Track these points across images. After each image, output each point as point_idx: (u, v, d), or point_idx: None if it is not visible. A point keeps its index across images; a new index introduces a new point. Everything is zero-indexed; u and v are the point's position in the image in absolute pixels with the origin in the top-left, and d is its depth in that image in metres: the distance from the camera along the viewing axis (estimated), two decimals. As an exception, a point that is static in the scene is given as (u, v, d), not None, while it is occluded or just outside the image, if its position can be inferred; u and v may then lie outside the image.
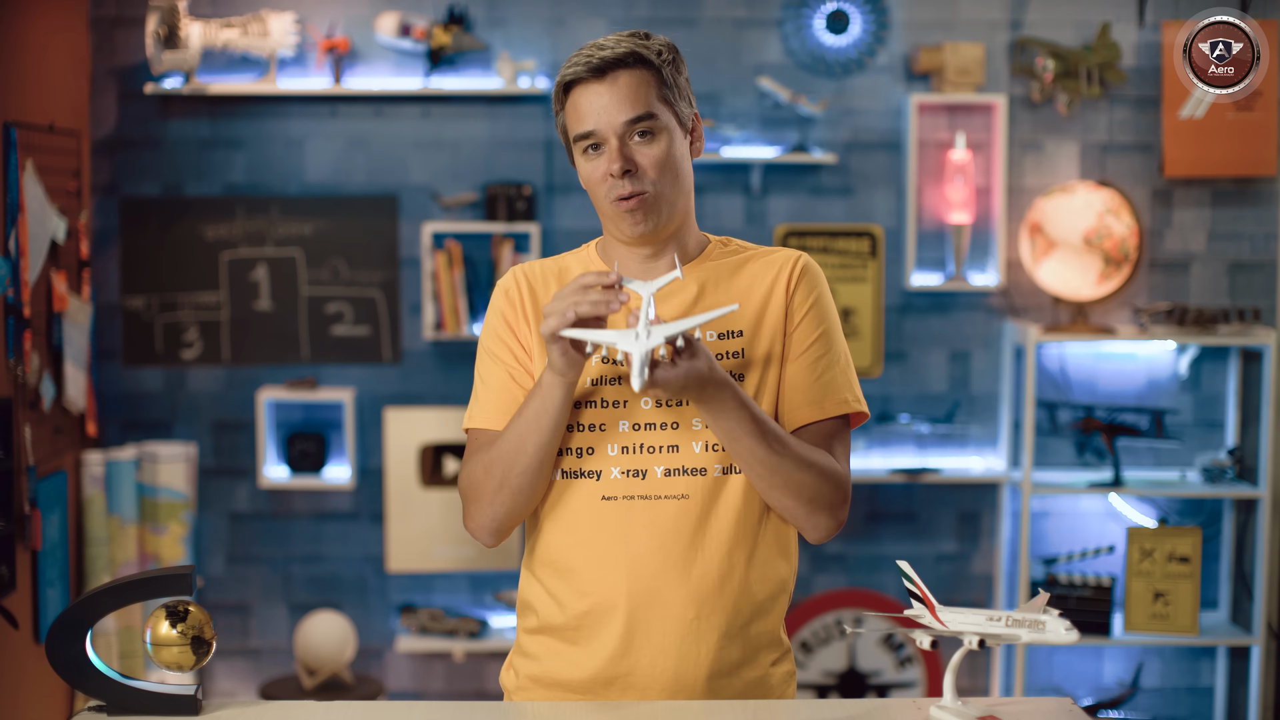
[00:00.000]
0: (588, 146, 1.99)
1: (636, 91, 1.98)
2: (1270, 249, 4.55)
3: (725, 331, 2.03)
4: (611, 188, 1.99)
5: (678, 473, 1.98)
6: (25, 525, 3.74)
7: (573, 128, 2.00)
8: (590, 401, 2.00)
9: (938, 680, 4.54)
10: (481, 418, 2.05)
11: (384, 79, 4.46)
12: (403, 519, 4.44)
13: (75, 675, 1.94)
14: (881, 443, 4.56)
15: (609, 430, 1.99)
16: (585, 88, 1.98)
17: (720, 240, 2.12)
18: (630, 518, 1.98)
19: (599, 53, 1.98)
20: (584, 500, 2.00)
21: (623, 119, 1.97)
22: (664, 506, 1.98)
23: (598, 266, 2.10)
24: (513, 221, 4.42)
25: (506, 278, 2.11)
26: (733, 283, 2.06)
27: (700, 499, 1.98)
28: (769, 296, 2.04)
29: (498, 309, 2.09)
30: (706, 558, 1.98)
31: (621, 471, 1.98)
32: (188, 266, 4.50)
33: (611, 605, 1.98)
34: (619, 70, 1.98)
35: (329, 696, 4.21)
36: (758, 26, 4.49)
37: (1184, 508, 4.55)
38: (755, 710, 1.96)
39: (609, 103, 1.97)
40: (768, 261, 2.08)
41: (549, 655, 2.06)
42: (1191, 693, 4.61)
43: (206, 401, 4.53)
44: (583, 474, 2.00)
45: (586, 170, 2.01)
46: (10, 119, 3.75)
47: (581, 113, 1.99)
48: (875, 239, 4.52)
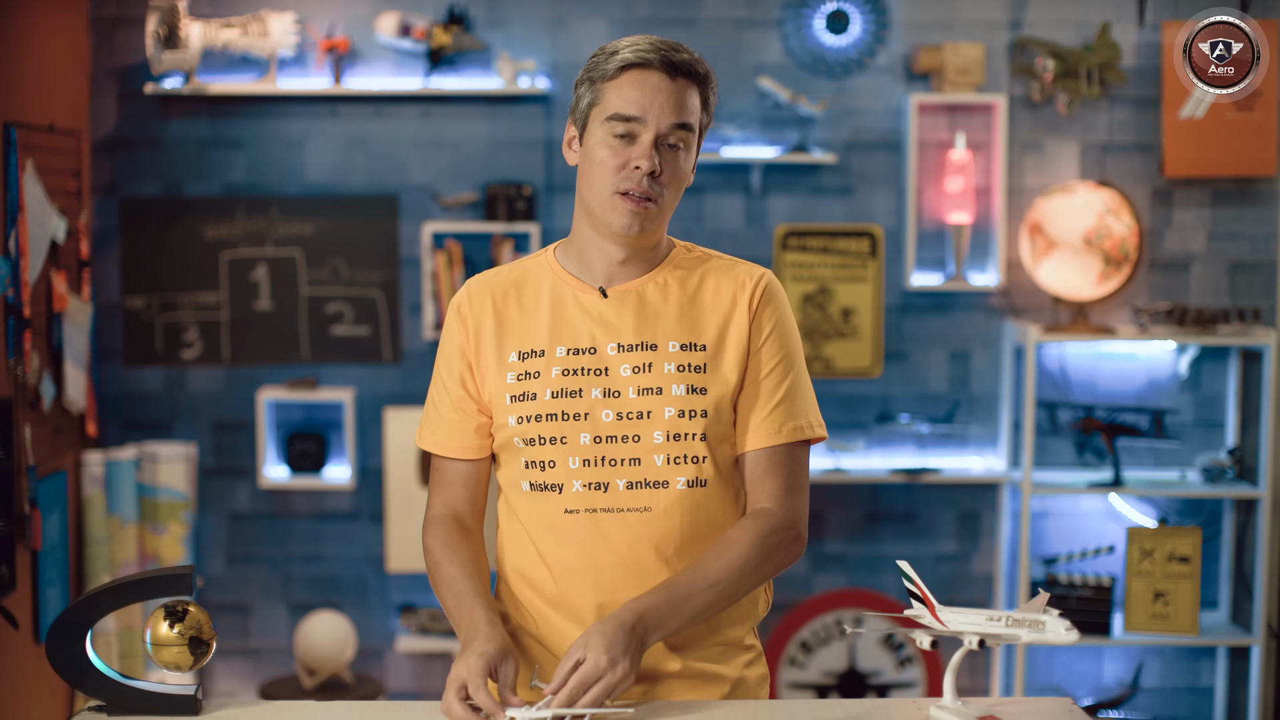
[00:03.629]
0: (622, 132, 1.97)
1: (690, 102, 2.00)
2: (1270, 249, 4.55)
3: (688, 343, 2.01)
4: (625, 179, 1.97)
5: (640, 485, 1.98)
6: (25, 525, 3.74)
7: (614, 106, 1.97)
8: (550, 415, 2.00)
9: (938, 680, 4.54)
10: (432, 443, 2.11)
11: (384, 79, 4.46)
12: (403, 519, 4.44)
13: (75, 675, 1.94)
14: (881, 443, 4.56)
15: (570, 443, 1.99)
16: (648, 74, 1.97)
17: (684, 246, 2.12)
18: (594, 531, 1.98)
19: (674, 53, 1.99)
20: (547, 514, 2.01)
21: (671, 120, 1.98)
22: (627, 519, 1.98)
23: (552, 274, 2.08)
24: (513, 221, 4.42)
25: (460, 294, 2.10)
26: (697, 291, 2.05)
27: (662, 512, 1.98)
28: (732, 310, 2.04)
29: (450, 331, 2.09)
30: (672, 570, 1.99)
31: (584, 484, 1.98)
32: (188, 266, 4.50)
33: (579, 619, 2.00)
34: (687, 77, 2.00)
35: (329, 696, 4.21)
36: (758, 26, 4.49)
37: (1184, 508, 4.55)
38: (755, 710, 1.96)
39: (667, 100, 1.97)
40: (731, 275, 2.07)
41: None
42: (1191, 693, 4.61)
43: (206, 401, 4.53)
44: (546, 487, 2.00)
45: (603, 153, 1.98)
46: (10, 119, 3.75)
47: (634, 97, 1.97)
48: (875, 239, 4.52)
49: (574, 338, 2.02)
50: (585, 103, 2.02)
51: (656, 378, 1.99)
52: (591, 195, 2.01)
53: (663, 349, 2.01)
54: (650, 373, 1.99)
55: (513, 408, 2.02)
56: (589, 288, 2.05)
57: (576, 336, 2.02)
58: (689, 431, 1.98)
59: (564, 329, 2.03)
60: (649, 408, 1.98)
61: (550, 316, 2.04)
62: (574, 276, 2.07)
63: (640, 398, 1.98)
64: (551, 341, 2.03)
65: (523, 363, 2.03)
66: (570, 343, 2.02)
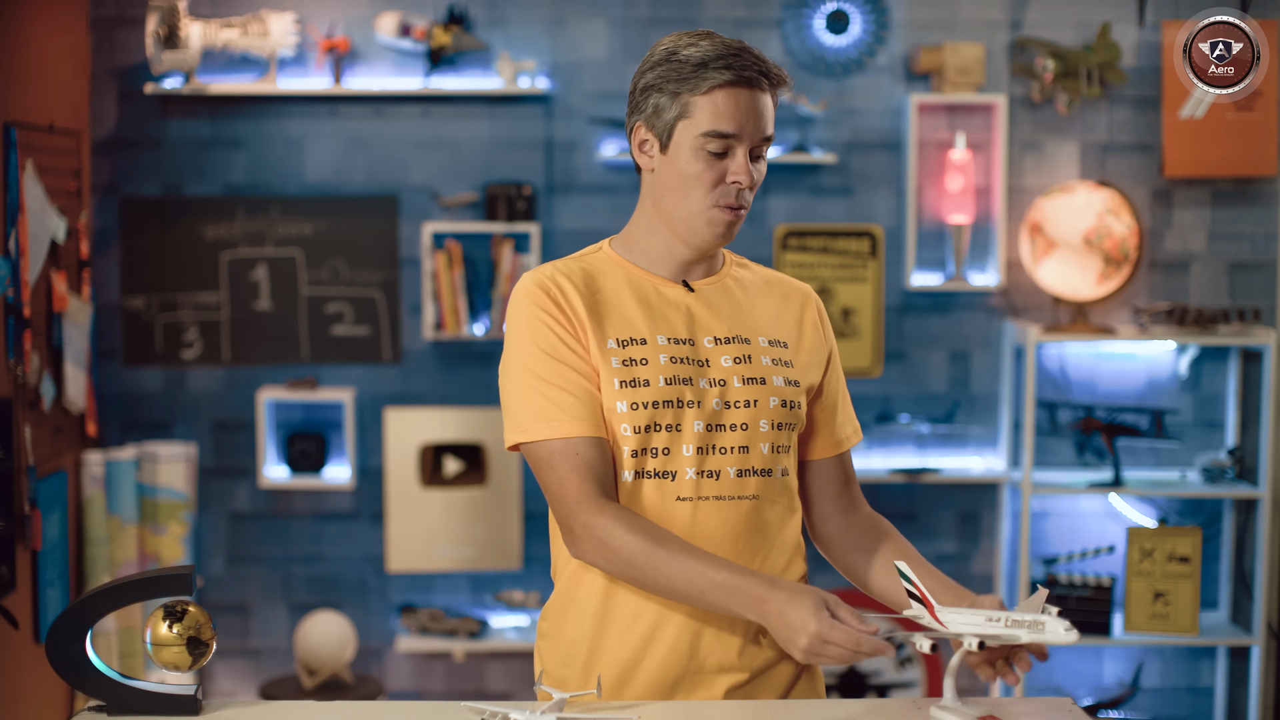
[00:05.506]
0: (719, 150, 1.97)
1: (771, 111, 2.01)
2: (1270, 249, 4.55)
3: (775, 339, 2.07)
4: (724, 194, 1.98)
5: (748, 473, 2.00)
6: (25, 525, 3.74)
7: (711, 123, 1.96)
8: (666, 402, 1.97)
9: (938, 680, 4.54)
10: (576, 427, 1.94)
11: (384, 79, 4.46)
12: (403, 519, 4.44)
13: (75, 675, 1.94)
14: (881, 443, 4.56)
15: (684, 430, 1.98)
16: (740, 91, 1.96)
17: (733, 257, 2.15)
18: (700, 517, 1.98)
19: (763, 63, 1.98)
20: (659, 501, 1.98)
21: (763, 134, 1.99)
22: (736, 507, 1.99)
23: (621, 267, 2.05)
24: (513, 221, 4.42)
25: (540, 283, 2.00)
26: (765, 293, 2.11)
27: (767, 499, 2.02)
28: (802, 315, 2.12)
29: (539, 315, 1.98)
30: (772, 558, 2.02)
31: (696, 472, 1.97)
32: (188, 266, 4.50)
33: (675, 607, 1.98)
34: (773, 88, 2.01)
35: (329, 696, 4.21)
36: (758, 26, 4.49)
37: (1184, 508, 4.55)
38: (755, 710, 1.96)
39: (759, 114, 1.98)
40: (789, 284, 2.15)
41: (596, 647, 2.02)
42: (1191, 693, 4.61)
43: (206, 401, 4.53)
44: (658, 474, 1.98)
45: (697, 167, 1.97)
46: (10, 119, 3.75)
47: (731, 114, 1.96)
48: (875, 239, 4.52)
49: (670, 328, 2.01)
50: (671, 115, 1.98)
51: (757, 368, 2.02)
52: (679, 207, 2.00)
53: (755, 343, 2.04)
54: (751, 364, 2.02)
55: (621, 393, 1.96)
56: (670, 281, 2.05)
57: (673, 327, 2.01)
58: (789, 421, 2.04)
59: (658, 319, 2.01)
60: (755, 397, 2.00)
61: (640, 307, 2.02)
62: (649, 272, 2.05)
63: (745, 387, 2.00)
64: (651, 330, 2.00)
65: (624, 349, 1.98)
66: (668, 332, 2.01)
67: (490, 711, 1.86)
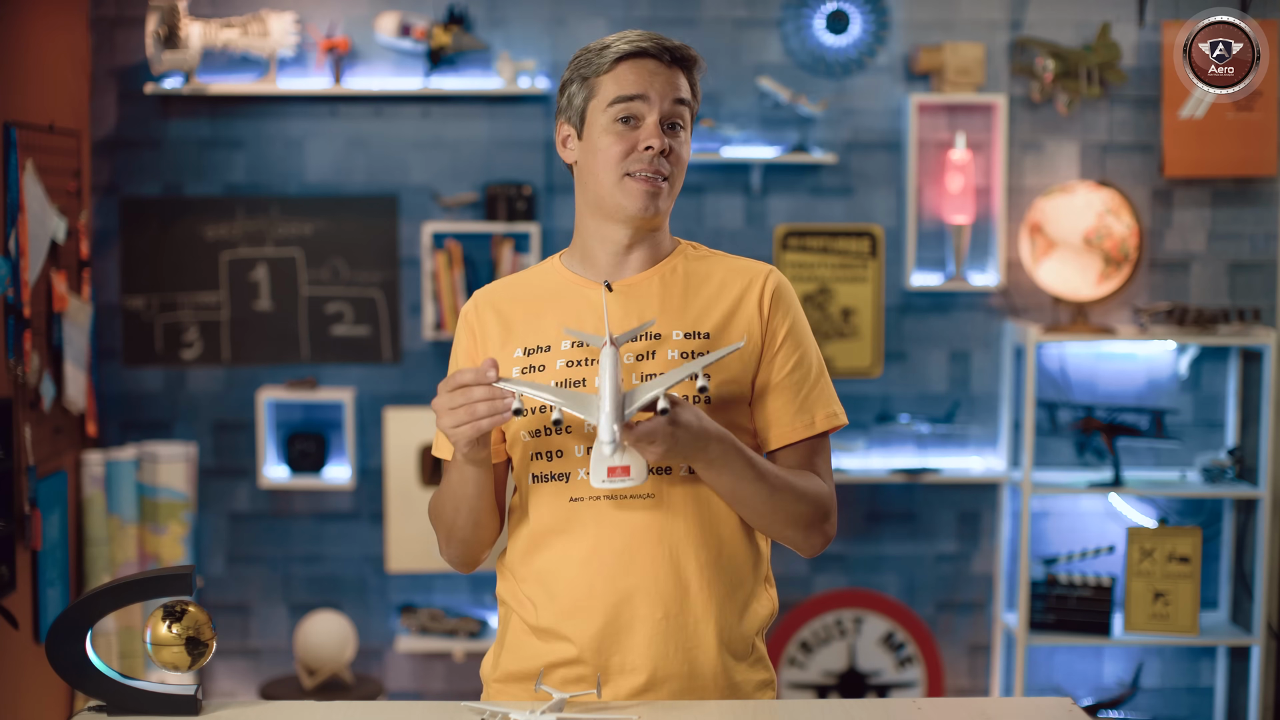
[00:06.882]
0: (624, 117, 2.00)
1: (682, 84, 2.05)
2: (1270, 249, 4.55)
3: (691, 332, 2.03)
4: (635, 160, 2.00)
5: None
6: (25, 525, 3.74)
7: (617, 89, 2.01)
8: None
9: (938, 680, 4.54)
10: (447, 451, 2.07)
11: (384, 79, 4.46)
12: (403, 519, 4.44)
13: (75, 675, 1.94)
14: (881, 443, 4.56)
15: (575, 431, 2.00)
16: (643, 61, 2.02)
17: (690, 244, 2.14)
18: (601, 519, 1.99)
19: (665, 41, 2.04)
20: (555, 503, 2.01)
21: (673, 96, 2.02)
22: (632, 506, 1.98)
23: (555, 276, 2.11)
24: (513, 221, 4.42)
25: (466, 307, 2.14)
26: (702, 283, 2.07)
27: (667, 498, 1.99)
28: (738, 303, 2.06)
29: (458, 340, 2.13)
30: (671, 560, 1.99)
31: (589, 472, 1.97)
32: (188, 266, 4.50)
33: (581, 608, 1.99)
34: (680, 65, 2.05)
35: (329, 696, 4.21)
36: (758, 26, 4.49)
37: (1184, 508, 4.55)
38: (755, 710, 1.96)
39: (665, 81, 2.02)
40: (739, 270, 2.09)
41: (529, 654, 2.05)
42: (1191, 693, 4.61)
43: (206, 401, 4.53)
44: (552, 477, 2.01)
45: (607, 140, 2.01)
46: (10, 119, 3.75)
47: (633, 79, 2.01)
48: (875, 239, 4.52)
49: (579, 331, 2.04)
50: (580, 99, 2.05)
51: (660, 364, 2.00)
52: (598, 184, 2.03)
53: (666, 338, 2.02)
54: (654, 360, 2.00)
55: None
56: (594, 284, 2.08)
57: (581, 329, 2.04)
58: None
59: (569, 324, 2.05)
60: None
61: (556, 314, 2.06)
62: (579, 276, 2.10)
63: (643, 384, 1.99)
64: (557, 336, 2.04)
65: (528, 358, 2.05)
66: (575, 336, 2.04)
67: (490, 711, 1.87)
